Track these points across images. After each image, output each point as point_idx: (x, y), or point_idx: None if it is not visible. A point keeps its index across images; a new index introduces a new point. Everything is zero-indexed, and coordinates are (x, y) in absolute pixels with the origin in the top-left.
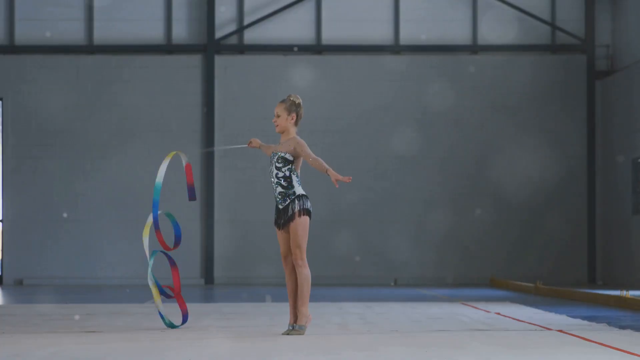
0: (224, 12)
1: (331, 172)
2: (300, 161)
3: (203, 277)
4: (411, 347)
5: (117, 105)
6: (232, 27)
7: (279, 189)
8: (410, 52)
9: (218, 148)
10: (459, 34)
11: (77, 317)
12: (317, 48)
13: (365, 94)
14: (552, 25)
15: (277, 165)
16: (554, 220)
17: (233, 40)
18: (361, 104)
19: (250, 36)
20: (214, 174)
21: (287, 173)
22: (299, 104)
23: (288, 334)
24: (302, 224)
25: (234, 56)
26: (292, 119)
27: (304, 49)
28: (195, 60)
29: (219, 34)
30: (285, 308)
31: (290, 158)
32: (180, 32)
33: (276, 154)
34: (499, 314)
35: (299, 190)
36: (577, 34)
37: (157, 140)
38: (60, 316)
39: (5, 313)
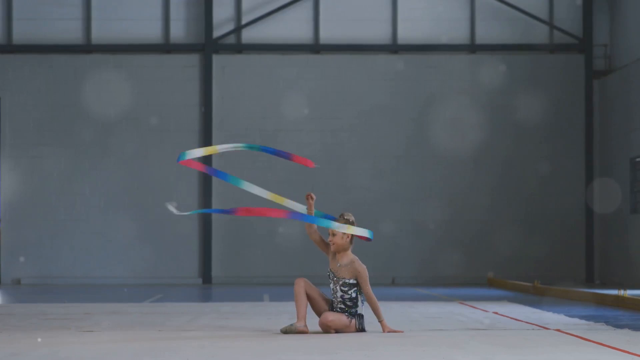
0: (222, 12)
1: (384, 324)
2: None
3: (200, 277)
4: (409, 346)
5: (114, 105)
6: (230, 27)
7: (341, 306)
8: (408, 51)
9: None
10: (457, 33)
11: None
12: (315, 47)
13: (363, 94)
14: (550, 24)
15: (343, 289)
16: (552, 219)
17: (231, 39)
18: (359, 104)
19: (248, 35)
20: None
21: (354, 295)
22: (352, 222)
23: (286, 332)
24: (351, 330)
25: (232, 55)
26: (348, 237)
27: (302, 48)
28: (193, 60)
29: (216, 33)
30: (282, 307)
31: (355, 282)
32: (178, 32)
33: (340, 279)
34: (496, 313)
35: (360, 310)
36: (575, 34)
37: (155, 139)
38: (58, 315)
39: (4, 312)
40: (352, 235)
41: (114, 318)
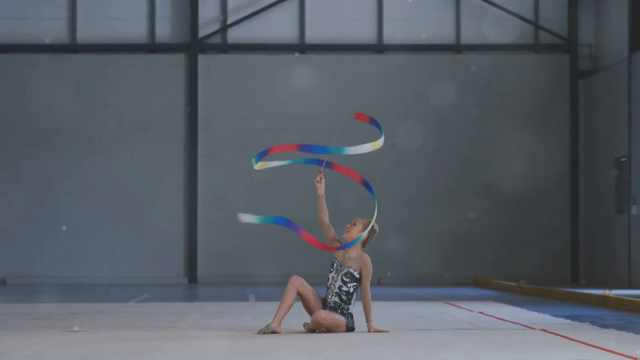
0: (208, 11)
1: (371, 325)
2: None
3: (186, 277)
4: (395, 346)
5: (101, 105)
6: (216, 26)
7: (335, 299)
8: (394, 51)
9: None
10: (443, 33)
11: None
12: (300, 47)
13: (349, 94)
14: (536, 24)
15: (344, 279)
16: (538, 219)
17: (216, 39)
18: (346, 104)
19: (234, 35)
20: (197, 173)
21: (351, 290)
22: (375, 230)
23: (264, 333)
24: (341, 329)
25: (218, 55)
26: (365, 237)
27: (288, 48)
28: (178, 60)
29: (202, 32)
30: (270, 307)
31: (358, 276)
32: (164, 31)
33: (344, 267)
34: (482, 313)
35: (352, 309)
36: (561, 34)
37: (141, 139)
38: (44, 315)
39: None
40: (369, 237)
41: (101, 318)
